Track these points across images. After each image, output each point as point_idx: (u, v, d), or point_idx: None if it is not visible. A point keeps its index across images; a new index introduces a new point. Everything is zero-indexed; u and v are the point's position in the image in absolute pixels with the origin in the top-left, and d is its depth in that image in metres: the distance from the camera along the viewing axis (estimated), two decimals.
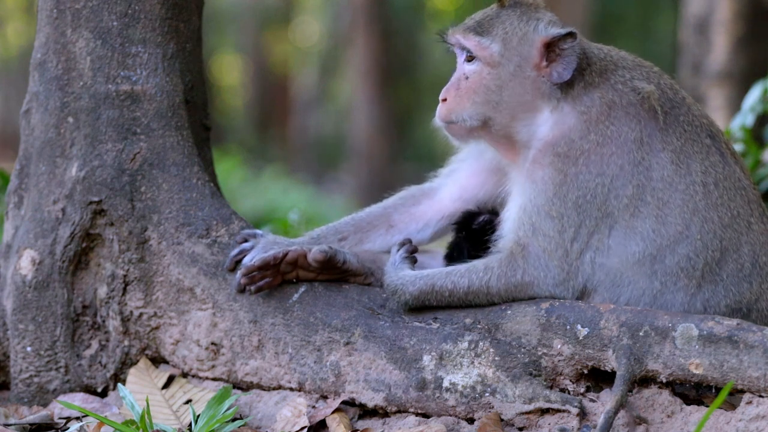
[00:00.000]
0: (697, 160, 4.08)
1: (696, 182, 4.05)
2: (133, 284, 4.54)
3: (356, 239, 4.48)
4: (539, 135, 4.10)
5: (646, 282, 4.03)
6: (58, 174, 4.59)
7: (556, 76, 4.08)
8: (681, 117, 4.12)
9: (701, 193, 4.04)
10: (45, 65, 4.65)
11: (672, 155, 4.06)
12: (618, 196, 4.02)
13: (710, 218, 4.04)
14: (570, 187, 4.03)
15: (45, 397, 4.59)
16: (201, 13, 4.78)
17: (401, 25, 24.59)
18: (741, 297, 4.06)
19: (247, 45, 28.35)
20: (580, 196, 4.03)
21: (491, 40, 4.11)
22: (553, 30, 4.09)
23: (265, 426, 4.28)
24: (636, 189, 4.03)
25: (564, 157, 4.05)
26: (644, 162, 4.04)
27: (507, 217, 4.14)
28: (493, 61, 4.11)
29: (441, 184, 4.51)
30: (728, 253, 4.05)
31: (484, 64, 4.13)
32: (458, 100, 4.14)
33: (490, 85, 4.11)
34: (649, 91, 4.08)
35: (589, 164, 4.04)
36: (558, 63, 4.08)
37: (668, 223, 4.01)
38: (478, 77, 4.14)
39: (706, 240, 4.02)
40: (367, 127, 21.15)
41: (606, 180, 4.03)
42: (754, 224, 4.12)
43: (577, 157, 4.05)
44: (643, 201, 4.03)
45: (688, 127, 4.12)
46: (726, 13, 8.75)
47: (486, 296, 4.09)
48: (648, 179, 4.04)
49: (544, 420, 3.94)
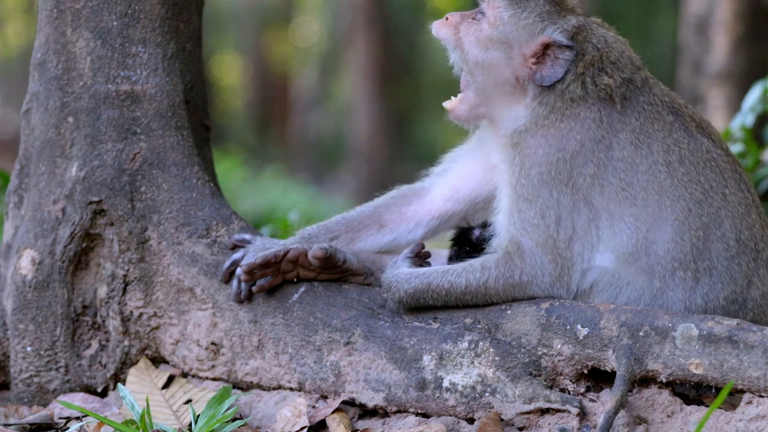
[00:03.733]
0: (658, 139, 4.07)
1: (658, 161, 4.05)
2: (133, 284, 4.54)
3: (347, 238, 4.47)
4: (518, 123, 4.12)
5: (646, 280, 4.03)
6: (58, 174, 4.59)
7: (538, 77, 4.09)
8: (641, 98, 4.13)
9: (665, 173, 4.04)
10: (45, 65, 4.65)
11: (631, 136, 4.06)
12: (581, 174, 4.03)
13: (681, 196, 4.03)
14: (532, 162, 4.05)
15: (45, 397, 4.59)
16: (201, 13, 4.78)
17: (401, 25, 24.59)
18: (735, 285, 4.05)
19: (247, 45, 28.34)
20: (543, 172, 4.04)
21: (507, 5, 4.13)
22: (557, 36, 4.09)
23: (265, 426, 4.28)
24: (597, 168, 4.04)
25: (524, 132, 4.09)
26: (604, 140, 4.06)
27: (497, 209, 4.16)
28: (496, 22, 4.13)
29: (432, 184, 4.50)
30: (710, 230, 4.03)
31: (487, 22, 4.15)
32: (454, 31, 4.20)
33: (480, 38, 4.14)
34: (607, 83, 4.09)
35: (548, 137, 4.06)
36: (545, 66, 4.09)
37: (638, 205, 4.01)
38: (476, 26, 4.16)
39: (683, 219, 4.01)
40: (367, 127, 21.16)
41: (566, 155, 4.04)
42: (730, 195, 4.10)
43: (536, 132, 4.07)
44: (607, 181, 4.04)
45: (648, 106, 4.12)
46: (726, 13, 8.75)
47: (484, 296, 4.09)
48: (609, 159, 4.05)
49: (544, 420, 3.94)
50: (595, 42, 4.13)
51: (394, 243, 4.48)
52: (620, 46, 4.19)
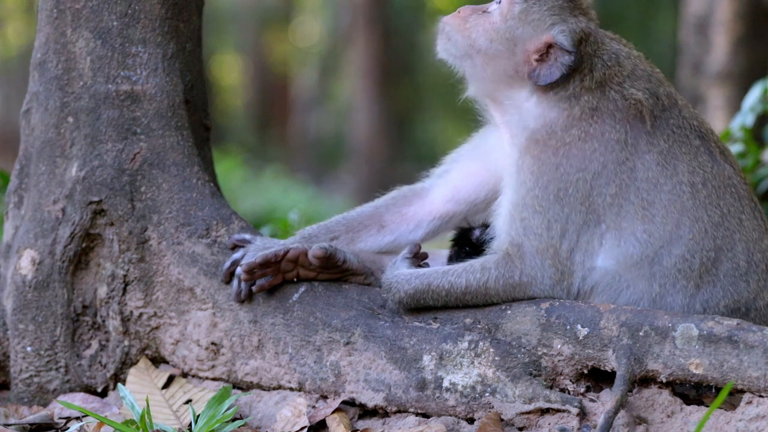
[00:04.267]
0: (684, 161, 4.08)
1: (683, 182, 4.06)
2: (133, 284, 4.54)
3: (348, 239, 4.47)
4: (528, 126, 4.11)
5: (646, 285, 4.03)
6: (58, 174, 4.59)
7: (534, 75, 4.09)
8: (671, 120, 4.13)
9: (688, 193, 4.05)
10: (45, 65, 4.65)
11: (658, 157, 4.07)
12: (601, 194, 4.03)
13: (700, 217, 4.05)
14: (551, 177, 4.04)
15: (45, 397, 4.59)
16: (201, 13, 4.78)
17: (401, 25, 24.58)
18: (739, 297, 4.06)
19: (247, 45, 28.34)
20: (561, 189, 4.04)
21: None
22: (561, 38, 4.08)
23: (265, 426, 4.28)
24: (619, 188, 4.04)
25: (544, 145, 4.07)
26: (628, 162, 4.05)
27: (499, 212, 4.14)
28: (507, 15, 4.13)
29: (433, 185, 4.50)
30: (722, 252, 4.06)
31: (500, 13, 4.15)
32: (463, 23, 4.19)
33: (489, 29, 4.15)
34: (638, 98, 4.08)
35: (570, 157, 4.05)
36: (544, 65, 4.09)
37: (656, 223, 4.02)
38: (487, 17, 4.16)
39: (699, 239, 4.03)
40: (367, 127, 21.15)
41: (588, 176, 4.03)
42: (746, 220, 4.12)
43: (557, 148, 4.06)
44: (627, 200, 4.04)
45: (678, 129, 4.12)
46: (726, 13, 8.75)
47: (484, 296, 4.09)
48: (632, 179, 4.05)
49: (544, 420, 3.94)
50: (607, 55, 4.13)
51: (394, 244, 4.48)
52: (634, 59, 4.20)
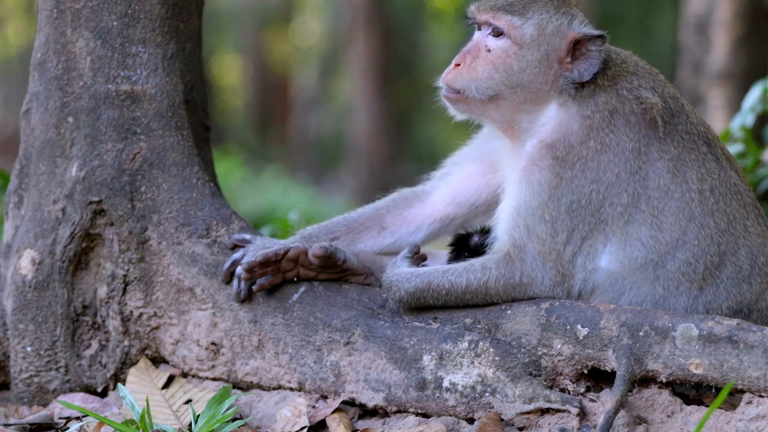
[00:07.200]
0: (693, 168, 4.09)
1: (692, 189, 4.07)
2: (133, 284, 4.54)
3: (348, 239, 4.47)
4: (541, 133, 4.10)
5: (649, 287, 4.04)
6: (58, 174, 4.59)
7: (576, 75, 4.08)
8: (680, 126, 4.13)
9: (697, 200, 4.06)
10: (45, 65, 4.65)
11: (669, 164, 4.07)
12: (613, 204, 4.03)
13: (707, 224, 4.05)
14: (564, 191, 4.04)
15: (45, 397, 4.59)
16: (201, 13, 4.78)
17: (401, 25, 24.59)
18: (741, 298, 4.07)
19: (247, 45, 28.34)
20: (574, 201, 4.04)
21: (524, 21, 4.09)
22: (586, 29, 4.09)
23: (265, 426, 4.28)
24: (631, 198, 4.04)
25: (561, 161, 4.05)
26: (641, 171, 4.05)
27: (501, 216, 4.14)
28: (523, 42, 4.09)
29: (434, 187, 4.50)
30: (726, 257, 4.06)
31: (512, 43, 4.10)
32: (473, 70, 4.11)
33: (513, 64, 4.09)
34: (653, 102, 4.08)
35: (586, 170, 4.05)
36: (581, 62, 4.08)
37: (664, 230, 4.03)
38: (503, 53, 4.11)
39: (704, 245, 4.04)
40: (367, 127, 21.15)
41: (601, 187, 4.04)
42: (751, 227, 4.14)
43: (574, 162, 4.05)
44: (638, 209, 4.04)
45: (686, 135, 4.13)
46: (726, 13, 8.75)
47: (484, 296, 4.09)
48: (644, 188, 4.05)
49: (544, 420, 3.94)
50: (612, 52, 4.15)
51: (394, 245, 4.48)
52: (631, 56, 4.22)
